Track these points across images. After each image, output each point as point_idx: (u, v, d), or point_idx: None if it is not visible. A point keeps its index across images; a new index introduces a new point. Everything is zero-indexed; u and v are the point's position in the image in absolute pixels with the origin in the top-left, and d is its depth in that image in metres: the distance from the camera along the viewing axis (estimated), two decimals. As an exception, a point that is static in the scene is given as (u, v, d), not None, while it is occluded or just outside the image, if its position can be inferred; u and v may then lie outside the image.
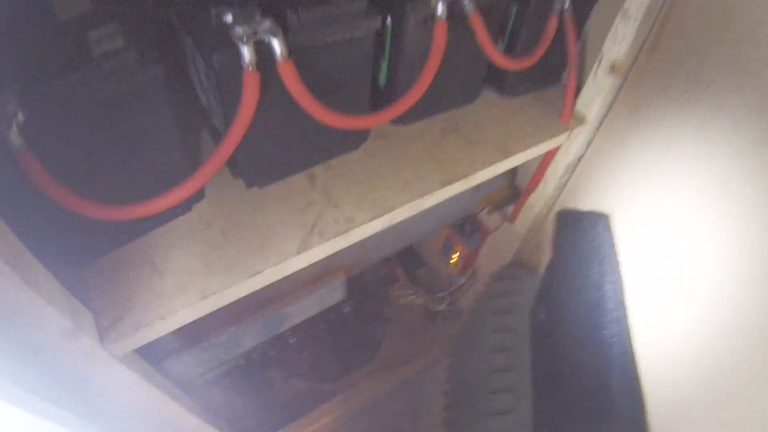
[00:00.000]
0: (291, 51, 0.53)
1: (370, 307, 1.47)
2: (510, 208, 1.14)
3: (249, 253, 0.62)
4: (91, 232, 0.57)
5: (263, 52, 0.52)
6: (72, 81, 0.45)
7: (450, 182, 0.73)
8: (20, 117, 0.42)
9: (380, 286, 1.50)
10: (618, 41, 0.78)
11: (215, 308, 0.61)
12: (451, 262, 1.30)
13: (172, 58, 0.67)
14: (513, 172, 1.09)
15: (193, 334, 0.82)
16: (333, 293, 0.92)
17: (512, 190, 1.10)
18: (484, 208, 1.14)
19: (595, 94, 0.86)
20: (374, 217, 0.67)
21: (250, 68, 0.52)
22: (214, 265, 0.61)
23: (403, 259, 1.50)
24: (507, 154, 0.80)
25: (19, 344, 0.44)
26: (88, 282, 0.57)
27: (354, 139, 0.75)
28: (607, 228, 0.87)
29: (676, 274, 0.76)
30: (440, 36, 0.64)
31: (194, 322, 0.78)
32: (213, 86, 0.58)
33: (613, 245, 0.86)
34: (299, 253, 0.62)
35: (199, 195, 0.67)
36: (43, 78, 0.44)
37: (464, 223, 1.24)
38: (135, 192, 0.54)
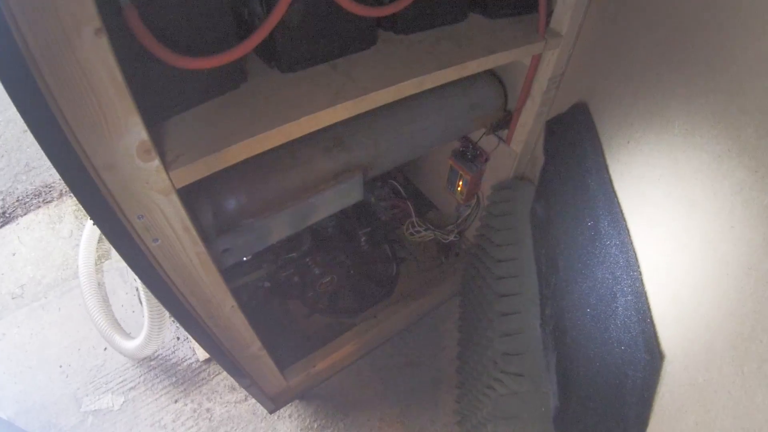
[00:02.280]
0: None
1: (384, 247, 1.66)
2: (506, 132, 1.33)
3: (287, 109, 0.81)
4: (163, 95, 0.77)
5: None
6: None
7: (444, 67, 0.93)
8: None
9: (393, 227, 1.69)
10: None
11: (258, 150, 0.79)
12: (457, 190, 1.49)
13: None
14: (504, 96, 1.29)
15: (227, 222, 1.00)
16: (352, 190, 1.10)
17: (506, 114, 1.30)
18: (481, 130, 1.33)
19: (564, 12, 1.05)
20: (384, 87, 0.87)
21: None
22: (259, 117, 0.80)
23: (413, 200, 1.70)
24: (492, 52, 0.99)
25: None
26: (158, 133, 0.76)
27: (366, 40, 0.96)
28: (588, 115, 1.05)
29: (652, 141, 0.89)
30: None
31: (228, 211, 0.98)
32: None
33: (594, 129, 1.03)
34: (328, 107, 0.82)
35: (243, 76, 0.87)
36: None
37: (465, 150, 1.43)
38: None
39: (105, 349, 1.75)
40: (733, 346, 0.66)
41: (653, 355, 0.78)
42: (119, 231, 0.74)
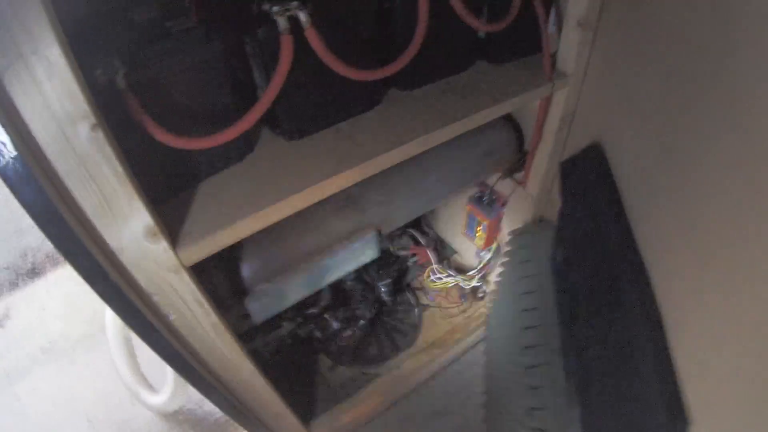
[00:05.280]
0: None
1: (406, 296, 1.68)
2: (521, 175, 1.34)
3: (293, 179, 0.85)
4: (168, 174, 0.81)
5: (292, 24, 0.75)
6: (155, 50, 0.70)
7: (448, 123, 0.95)
8: (122, 69, 0.65)
9: (415, 275, 1.72)
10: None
11: (265, 224, 0.82)
12: (477, 235, 1.49)
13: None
14: (519, 139, 1.30)
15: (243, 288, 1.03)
16: (367, 248, 1.12)
17: (521, 156, 1.31)
18: (497, 175, 1.34)
19: (569, 50, 1.07)
20: (388, 150, 0.90)
21: (285, 32, 0.76)
22: (263, 190, 0.83)
23: (433, 247, 1.71)
24: (497, 101, 1.01)
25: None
26: (165, 212, 0.78)
27: (370, 101, 0.99)
28: (602, 155, 1.05)
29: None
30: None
31: (243, 278, 1.01)
32: (259, 54, 0.83)
33: (609, 171, 1.03)
34: (332, 175, 0.85)
35: (248, 147, 0.91)
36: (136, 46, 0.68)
37: (482, 196, 1.44)
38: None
39: (133, 403, 1.79)
40: (757, 413, 0.65)
41: (676, 419, 0.77)
42: (132, 310, 0.77)
